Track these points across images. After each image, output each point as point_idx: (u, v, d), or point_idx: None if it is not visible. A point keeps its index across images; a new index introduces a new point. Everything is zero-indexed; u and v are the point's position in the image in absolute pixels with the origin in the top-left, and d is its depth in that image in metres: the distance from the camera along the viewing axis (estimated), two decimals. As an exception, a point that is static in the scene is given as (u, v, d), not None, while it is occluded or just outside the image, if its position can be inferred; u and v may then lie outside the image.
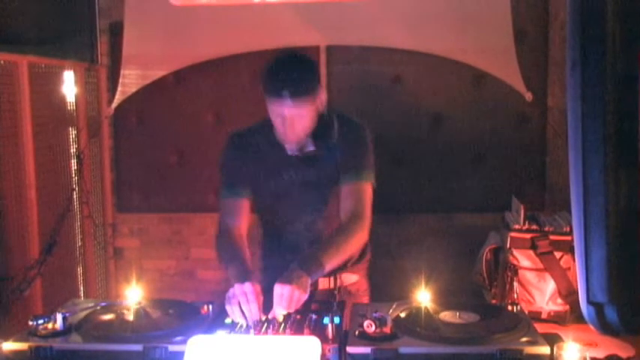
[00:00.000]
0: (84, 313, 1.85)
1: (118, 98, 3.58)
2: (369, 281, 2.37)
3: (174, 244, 3.78)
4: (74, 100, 3.44)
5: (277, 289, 1.79)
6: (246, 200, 2.19)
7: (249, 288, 1.79)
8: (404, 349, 1.57)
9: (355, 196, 2.10)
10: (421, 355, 1.57)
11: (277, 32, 3.42)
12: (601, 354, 1.70)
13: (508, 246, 2.42)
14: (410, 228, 3.59)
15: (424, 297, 1.81)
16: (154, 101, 3.67)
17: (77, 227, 3.49)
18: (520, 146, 3.56)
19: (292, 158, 2.15)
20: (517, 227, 2.43)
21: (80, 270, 3.52)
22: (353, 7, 3.44)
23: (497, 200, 3.13)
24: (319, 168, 2.15)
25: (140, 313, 1.83)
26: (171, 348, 1.61)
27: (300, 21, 3.44)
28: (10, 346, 1.65)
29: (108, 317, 1.83)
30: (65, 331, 1.71)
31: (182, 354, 1.53)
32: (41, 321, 1.71)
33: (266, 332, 1.70)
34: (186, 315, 1.83)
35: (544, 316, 2.35)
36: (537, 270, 2.38)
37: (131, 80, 3.56)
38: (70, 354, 1.65)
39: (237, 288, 1.80)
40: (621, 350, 1.88)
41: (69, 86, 3.39)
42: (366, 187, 2.13)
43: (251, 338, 1.64)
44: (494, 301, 2.50)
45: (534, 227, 2.43)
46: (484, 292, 2.66)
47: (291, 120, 2.04)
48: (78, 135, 3.47)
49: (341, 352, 1.58)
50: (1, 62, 2.87)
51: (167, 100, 3.68)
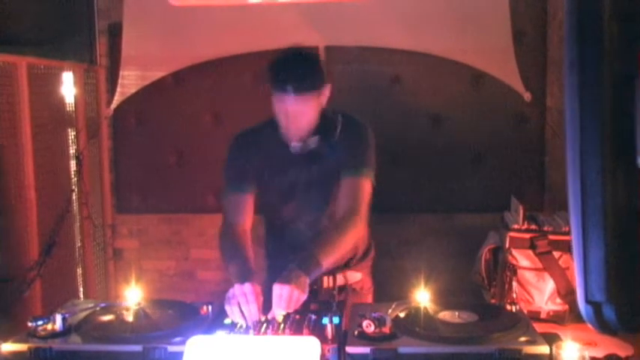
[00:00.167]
0: (83, 314, 1.85)
1: (117, 99, 3.58)
2: (373, 280, 2.38)
3: (173, 245, 3.78)
4: (73, 101, 3.44)
5: (276, 290, 1.79)
6: (250, 196, 2.20)
7: (248, 288, 1.79)
8: (403, 349, 1.58)
9: (352, 193, 2.11)
10: (420, 355, 1.58)
11: (276, 33, 3.42)
12: (600, 353, 1.71)
13: (507, 246, 2.43)
14: (409, 228, 3.60)
15: (423, 297, 1.81)
16: (153, 102, 3.67)
17: (76, 228, 3.49)
18: (519, 146, 3.56)
19: (296, 157, 2.16)
20: (516, 227, 2.44)
21: (80, 271, 3.52)
22: (352, 8, 3.44)
23: (496, 200, 3.13)
24: (322, 167, 2.16)
25: (139, 314, 1.83)
26: (170, 348, 1.61)
27: (299, 21, 3.44)
28: (10, 347, 1.65)
29: (107, 318, 1.83)
30: (64, 332, 1.71)
31: (181, 354, 1.53)
32: (40, 322, 1.71)
33: (265, 332, 1.70)
34: (185, 315, 1.83)
35: (543, 316, 2.35)
36: (536, 270, 2.38)
37: (130, 81, 3.56)
38: (70, 355, 1.65)
39: (236, 288, 1.80)
40: (620, 349, 1.88)
41: (68, 87, 3.39)
42: (364, 184, 2.13)
43: (250, 339, 1.64)
44: (493, 301, 2.50)
45: (533, 227, 2.43)
46: (483, 292, 2.66)
47: (294, 115, 2.06)
48: (77, 136, 3.47)
49: (340, 352, 1.58)
50: (0, 63, 2.87)
51: (166, 101, 3.68)
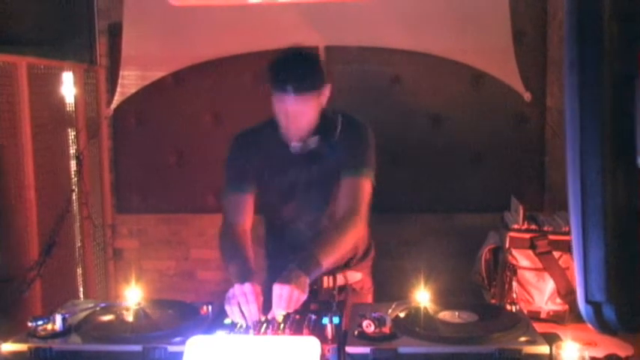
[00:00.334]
0: (83, 314, 1.85)
1: (117, 99, 3.59)
2: (373, 280, 2.38)
3: (173, 245, 3.78)
4: (73, 101, 3.44)
5: (276, 290, 1.79)
6: (250, 196, 2.20)
7: (248, 288, 1.79)
8: (403, 349, 1.58)
9: (352, 192, 2.11)
10: (420, 355, 1.58)
11: (276, 33, 3.42)
12: (600, 353, 1.71)
13: (507, 246, 2.43)
14: (409, 228, 3.60)
15: (423, 297, 1.81)
16: (153, 102, 3.67)
17: (76, 228, 3.49)
18: (519, 146, 3.56)
19: (296, 157, 2.16)
20: (516, 227, 2.43)
21: (80, 271, 3.52)
22: (352, 8, 3.45)
23: (496, 200, 3.13)
24: (322, 167, 2.17)
25: (139, 314, 1.83)
26: (170, 348, 1.61)
27: (299, 21, 3.44)
28: (10, 347, 1.65)
29: (107, 318, 1.83)
30: (64, 332, 1.71)
31: (181, 354, 1.53)
32: (40, 322, 1.71)
33: (265, 333, 1.70)
34: (185, 315, 1.83)
35: (543, 316, 2.35)
36: (536, 270, 2.38)
37: (130, 81, 3.57)
38: (70, 355, 1.65)
39: (236, 288, 1.80)
40: (620, 349, 1.88)
41: (68, 87, 3.39)
42: (364, 184, 2.13)
43: (250, 339, 1.64)
44: (493, 301, 2.50)
45: (533, 227, 2.43)
46: (483, 292, 2.66)
47: (294, 115, 2.06)
48: (77, 136, 3.47)
49: (340, 352, 1.58)
50: (0, 63, 2.87)
51: (166, 101, 3.68)
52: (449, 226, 3.58)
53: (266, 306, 1.81)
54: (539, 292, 2.37)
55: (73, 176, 3.44)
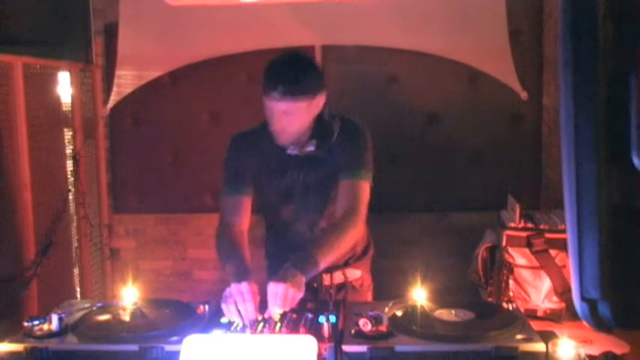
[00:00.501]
0: (80, 314, 1.84)
1: (114, 99, 3.58)
2: (372, 277, 2.39)
3: (170, 245, 3.78)
4: (69, 101, 3.43)
5: (271, 288, 1.79)
6: (247, 198, 2.20)
7: (245, 287, 1.79)
8: (400, 348, 1.58)
9: (351, 193, 2.11)
10: (417, 354, 1.58)
11: (273, 32, 3.42)
12: (596, 351, 1.71)
13: (504, 244, 2.43)
14: (406, 227, 3.60)
15: (420, 295, 1.81)
16: (150, 102, 3.67)
17: (73, 228, 3.49)
18: (515, 145, 3.57)
19: (294, 159, 2.15)
20: (513, 225, 2.44)
21: (76, 271, 3.52)
22: (349, 7, 3.45)
23: (492, 199, 3.14)
24: (320, 169, 2.16)
25: (136, 314, 1.83)
26: (167, 348, 1.61)
27: (295, 21, 3.45)
28: (6, 348, 1.65)
29: (104, 318, 1.83)
30: (61, 332, 1.71)
31: (178, 354, 1.53)
32: (37, 322, 1.71)
33: (262, 332, 1.70)
34: (182, 315, 1.83)
35: (540, 314, 2.36)
36: (533, 268, 2.38)
37: (126, 81, 3.56)
38: (66, 355, 1.64)
39: (233, 287, 1.80)
40: (616, 347, 1.89)
41: (64, 87, 3.39)
42: (363, 185, 2.13)
43: (247, 338, 1.64)
44: (490, 299, 2.51)
45: (530, 225, 2.43)
46: (480, 291, 2.67)
47: (279, 119, 2.05)
48: (73, 136, 3.46)
49: (337, 351, 1.58)
50: (-4, 63, 2.87)
51: (163, 101, 3.68)
52: (446, 225, 3.59)
53: (263, 305, 1.81)
54: (535, 291, 2.37)
55: (70, 176, 3.44)
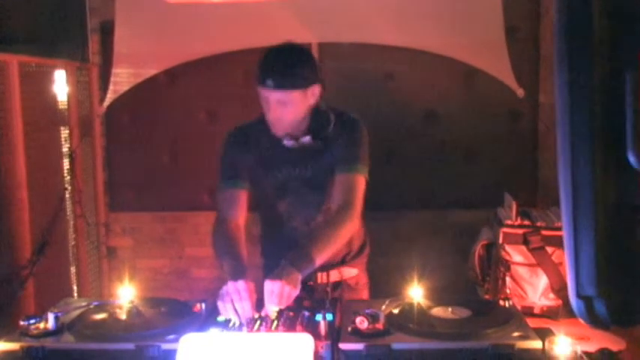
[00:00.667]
0: (76, 313, 1.84)
1: (110, 97, 3.57)
2: (368, 275, 2.39)
3: (167, 243, 3.77)
4: (66, 99, 3.42)
5: (267, 286, 1.79)
6: (244, 192, 2.20)
7: (242, 285, 1.79)
8: (396, 345, 1.58)
9: (346, 187, 2.11)
10: (414, 351, 1.58)
11: (269, 30, 3.41)
12: (593, 348, 1.71)
13: (500, 241, 2.43)
14: (402, 224, 3.60)
15: (417, 293, 1.81)
16: (147, 100, 3.66)
17: (70, 227, 3.48)
18: (512, 142, 3.57)
19: (290, 153, 2.15)
20: (509, 223, 2.44)
21: (73, 270, 3.51)
22: (345, 4, 3.44)
23: (489, 196, 3.13)
24: (316, 163, 2.17)
25: (133, 312, 1.82)
26: (164, 346, 1.61)
27: (292, 18, 3.44)
28: (2, 347, 1.64)
29: (100, 316, 1.83)
30: (57, 331, 1.71)
31: (175, 352, 1.53)
32: (33, 321, 1.70)
33: (259, 330, 1.70)
34: (179, 313, 1.83)
35: (536, 311, 2.36)
36: (529, 265, 2.38)
37: (123, 79, 3.55)
38: (63, 354, 1.64)
39: (230, 285, 1.80)
40: (613, 344, 1.89)
41: (60, 85, 3.38)
42: (358, 179, 2.13)
43: (244, 336, 1.64)
44: (487, 297, 2.51)
45: (526, 223, 2.43)
46: (477, 288, 2.67)
47: (274, 108, 2.06)
48: (70, 134, 3.46)
49: (334, 349, 1.58)
50: (-9, 62, 2.86)
51: (159, 99, 3.67)
52: (442, 223, 3.59)
53: (260, 303, 1.81)
54: (532, 288, 2.37)
55: (66, 175, 3.43)
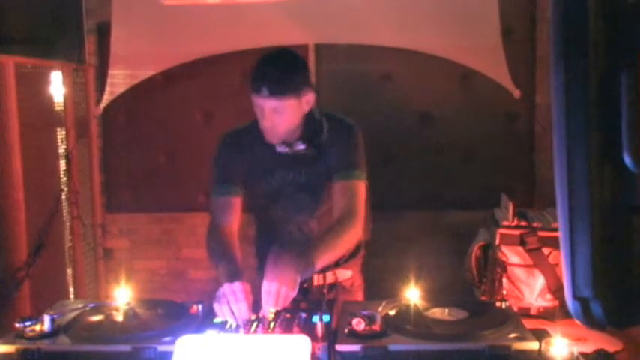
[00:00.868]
0: (73, 315, 1.83)
1: (107, 98, 3.57)
2: (364, 277, 2.38)
3: (164, 244, 3.77)
4: (62, 101, 3.42)
5: (264, 286, 1.79)
6: (237, 199, 2.19)
7: (238, 287, 1.78)
8: (393, 347, 1.58)
9: (348, 194, 2.11)
10: (410, 353, 1.58)
11: (266, 31, 3.42)
12: (589, 349, 1.71)
13: (497, 242, 2.43)
14: (399, 225, 3.60)
15: (413, 294, 1.81)
16: (143, 101, 3.66)
17: (66, 228, 3.48)
18: (509, 143, 3.57)
19: (284, 158, 2.14)
20: (506, 224, 2.44)
21: (70, 271, 3.50)
22: (341, 6, 3.45)
23: (486, 197, 3.14)
24: (311, 168, 2.16)
25: (129, 314, 1.82)
26: (160, 348, 1.60)
27: (288, 20, 3.44)
28: (-2, 349, 1.64)
29: (97, 318, 1.82)
30: (53, 333, 1.70)
31: (171, 354, 1.53)
32: (28, 323, 1.69)
33: (255, 331, 1.70)
34: (175, 315, 1.82)
35: (533, 312, 2.36)
36: (526, 266, 2.38)
37: (119, 80, 3.55)
38: (58, 356, 1.63)
39: (226, 287, 1.80)
40: (609, 345, 1.89)
41: (57, 86, 3.37)
42: (358, 185, 2.13)
43: (240, 337, 1.63)
44: (483, 298, 2.51)
45: (523, 224, 2.43)
46: (474, 289, 2.67)
47: (269, 116, 2.05)
48: (66, 135, 3.45)
49: (330, 350, 1.58)
50: (-12, 63, 2.85)
51: (156, 100, 3.67)
52: (439, 224, 3.59)
53: (256, 305, 1.81)
54: (529, 289, 2.37)
55: (63, 176, 3.42)
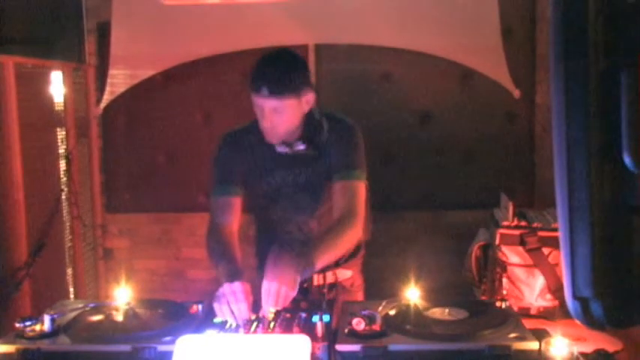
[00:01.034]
0: (72, 315, 1.83)
1: (107, 98, 3.57)
2: (364, 277, 2.38)
3: (164, 244, 3.77)
4: (62, 101, 3.42)
5: (264, 285, 1.79)
6: (237, 199, 2.19)
7: (238, 287, 1.78)
8: (393, 347, 1.58)
9: (348, 194, 2.11)
10: (410, 352, 1.58)
11: (266, 31, 3.42)
12: (589, 349, 1.71)
13: (497, 242, 2.43)
14: (399, 225, 3.60)
15: (413, 294, 1.81)
16: (143, 101, 3.66)
17: (66, 228, 3.48)
18: (509, 143, 3.57)
19: (283, 158, 2.14)
20: (506, 224, 2.44)
21: (70, 271, 3.50)
22: (342, 6, 3.45)
23: (486, 197, 3.14)
24: (311, 168, 2.16)
25: (129, 314, 1.82)
26: (160, 348, 1.60)
27: (289, 20, 3.44)
28: (-2, 349, 1.64)
29: (97, 318, 1.82)
30: (53, 333, 1.70)
31: (171, 354, 1.53)
32: (29, 323, 1.69)
33: (255, 331, 1.70)
34: (175, 315, 1.82)
35: (533, 312, 2.36)
36: (526, 266, 2.39)
37: (119, 80, 3.55)
38: (58, 356, 1.63)
39: (226, 287, 1.80)
40: (609, 345, 1.89)
41: (57, 86, 3.37)
42: (358, 185, 2.13)
43: (240, 337, 1.63)
44: (483, 298, 2.51)
45: (523, 224, 2.44)
46: (474, 289, 2.67)
47: (269, 117, 2.05)
48: (66, 135, 3.45)
49: (330, 350, 1.58)
50: (-13, 63, 2.85)
51: (156, 100, 3.67)
52: (439, 224, 3.59)
53: (256, 305, 1.81)
54: (529, 289, 2.37)
55: (63, 176, 3.42)
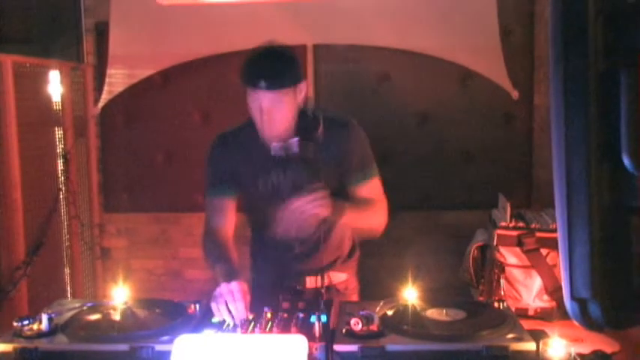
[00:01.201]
0: (70, 314, 1.83)
1: (105, 98, 3.57)
2: (359, 279, 2.38)
3: (161, 244, 3.77)
4: (60, 100, 3.42)
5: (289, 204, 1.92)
6: (232, 200, 2.18)
7: (235, 287, 1.78)
8: (391, 347, 1.58)
9: (371, 192, 2.15)
10: (408, 353, 1.58)
11: (264, 31, 3.39)
12: (587, 349, 1.71)
13: (495, 243, 2.44)
14: (397, 226, 3.58)
15: (411, 295, 1.81)
16: (141, 101, 3.65)
17: (64, 228, 3.47)
18: (507, 144, 3.58)
19: (277, 158, 2.12)
20: (504, 225, 2.44)
21: (67, 271, 3.50)
22: (340, 6, 3.45)
23: (484, 198, 3.15)
24: (305, 168, 2.14)
25: (127, 313, 1.82)
26: (158, 347, 1.60)
27: (287, 20, 3.44)
28: (-5, 348, 1.63)
29: (94, 317, 1.82)
30: (51, 332, 1.70)
31: (169, 353, 1.52)
32: (26, 322, 1.69)
33: (253, 331, 1.70)
34: (173, 314, 1.82)
35: (531, 313, 2.36)
36: (524, 267, 2.39)
37: (117, 80, 3.55)
38: (56, 355, 1.63)
39: (223, 287, 1.79)
40: (607, 346, 1.89)
41: (55, 86, 3.37)
42: (376, 181, 2.18)
43: (238, 337, 1.63)
44: (481, 298, 2.51)
45: (521, 224, 2.44)
46: (471, 290, 2.67)
47: (268, 111, 2.01)
48: (64, 135, 3.45)
49: (328, 351, 1.58)
50: (-14, 62, 2.85)
51: (154, 100, 3.66)
52: (437, 224, 3.59)
53: (253, 304, 1.81)
54: (526, 290, 2.38)
55: (60, 175, 3.42)
